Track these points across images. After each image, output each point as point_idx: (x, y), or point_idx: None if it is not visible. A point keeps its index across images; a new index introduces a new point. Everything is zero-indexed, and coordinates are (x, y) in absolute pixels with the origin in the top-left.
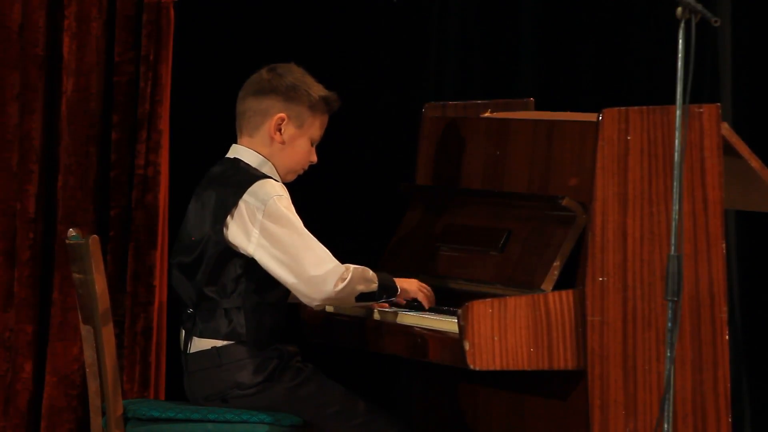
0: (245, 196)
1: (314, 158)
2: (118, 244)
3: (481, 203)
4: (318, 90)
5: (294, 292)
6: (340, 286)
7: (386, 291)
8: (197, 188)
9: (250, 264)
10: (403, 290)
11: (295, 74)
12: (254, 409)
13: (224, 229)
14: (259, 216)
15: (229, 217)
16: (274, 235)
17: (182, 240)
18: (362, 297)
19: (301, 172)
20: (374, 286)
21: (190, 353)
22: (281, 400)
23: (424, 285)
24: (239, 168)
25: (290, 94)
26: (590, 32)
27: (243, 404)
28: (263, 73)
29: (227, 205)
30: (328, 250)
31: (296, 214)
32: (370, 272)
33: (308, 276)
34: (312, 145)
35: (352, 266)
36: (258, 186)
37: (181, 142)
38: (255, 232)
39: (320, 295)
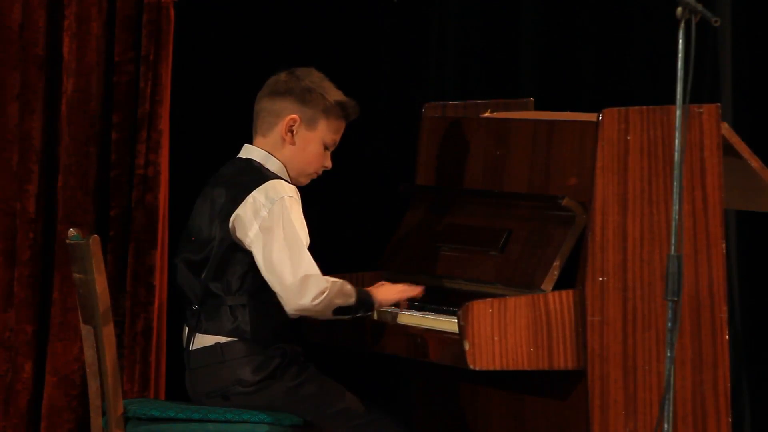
0: (255, 192)
1: (328, 164)
2: (118, 244)
3: (481, 203)
4: (335, 95)
5: (276, 295)
6: (319, 299)
7: (363, 306)
8: (206, 187)
9: (248, 266)
10: (382, 302)
11: (312, 78)
12: (255, 406)
13: (229, 222)
14: (263, 213)
15: (235, 211)
16: (269, 235)
17: (189, 237)
18: (339, 311)
19: (314, 176)
20: (352, 301)
21: (192, 350)
22: (282, 398)
23: (402, 288)
24: (252, 168)
25: (305, 97)
26: (590, 33)
27: (244, 401)
28: (282, 75)
29: (236, 200)
30: (315, 263)
31: (302, 220)
32: (349, 286)
33: (287, 283)
34: (326, 149)
35: (331, 279)
36: (270, 185)
37: (181, 142)
38: (255, 227)
39: (295, 305)
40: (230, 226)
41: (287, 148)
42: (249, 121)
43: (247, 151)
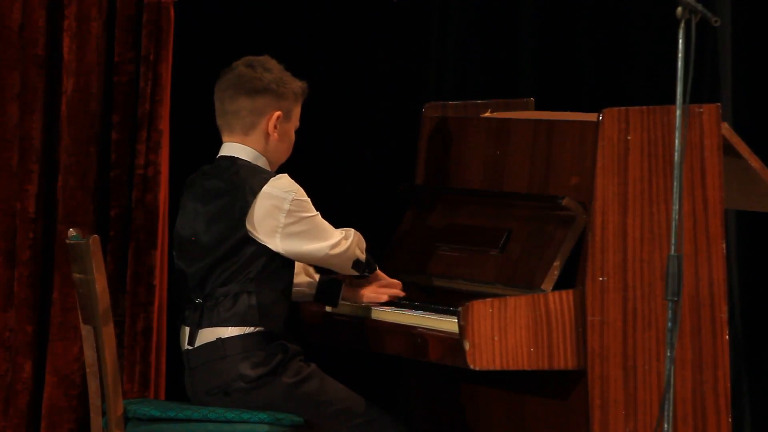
0: (264, 194)
1: None
2: (118, 244)
3: (481, 203)
4: (296, 82)
5: (327, 265)
6: (345, 244)
7: (368, 266)
8: (192, 187)
9: (256, 257)
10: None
11: (276, 68)
12: (255, 402)
13: (234, 224)
14: (283, 214)
15: (248, 215)
16: (298, 228)
17: (184, 237)
18: (356, 263)
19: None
20: (364, 257)
21: (193, 348)
22: (282, 396)
23: (391, 292)
24: (242, 166)
25: (281, 91)
26: (590, 32)
27: (244, 397)
28: (245, 69)
29: (237, 200)
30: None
31: (310, 202)
32: (364, 241)
33: (332, 251)
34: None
35: (351, 230)
36: (275, 183)
37: (181, 142)
38: (279, 229)
39: (344, 255)
40: (235, 227)
41: (272, 144)
42: None
43: (232, 149)
